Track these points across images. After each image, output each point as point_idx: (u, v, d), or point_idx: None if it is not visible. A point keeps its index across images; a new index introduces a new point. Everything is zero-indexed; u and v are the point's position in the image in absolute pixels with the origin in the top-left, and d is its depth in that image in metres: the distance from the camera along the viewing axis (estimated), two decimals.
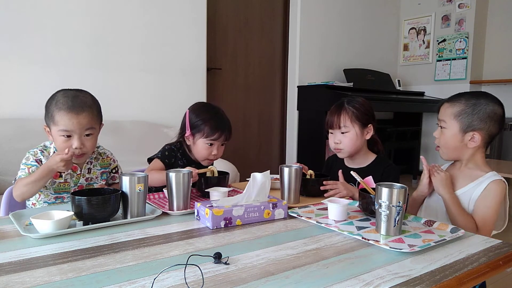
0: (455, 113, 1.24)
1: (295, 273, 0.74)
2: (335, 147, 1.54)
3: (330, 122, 1.54)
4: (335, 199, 1.14)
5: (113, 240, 0.90)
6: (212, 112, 1.50)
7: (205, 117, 1.47)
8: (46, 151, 1.30)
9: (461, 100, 1.25)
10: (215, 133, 1.44)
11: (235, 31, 3.69)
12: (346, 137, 1.51)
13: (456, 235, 0.94)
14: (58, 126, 1.20)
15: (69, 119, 1.19)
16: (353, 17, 4.36)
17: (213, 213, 1.00)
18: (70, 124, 1.19)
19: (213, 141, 1.45)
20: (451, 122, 1.25)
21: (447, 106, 1.27)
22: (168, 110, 3.15)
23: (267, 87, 4.00)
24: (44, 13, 2.59)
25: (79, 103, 1.21)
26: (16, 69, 2.52)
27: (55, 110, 1.20)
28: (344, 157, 1.57)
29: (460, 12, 4.35)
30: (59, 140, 1.22)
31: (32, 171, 1.24)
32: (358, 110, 1.51)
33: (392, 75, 4.65)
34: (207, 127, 1.44)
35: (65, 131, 1.20)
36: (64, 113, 1.19)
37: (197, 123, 1.46)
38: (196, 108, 1.53)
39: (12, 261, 0.77)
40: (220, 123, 1.47)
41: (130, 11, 2.93)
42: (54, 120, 1.20)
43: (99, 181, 1.37)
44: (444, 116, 1.26)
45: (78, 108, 1.20)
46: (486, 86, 4.36)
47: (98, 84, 2.75)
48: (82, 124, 1.21)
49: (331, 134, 1.56)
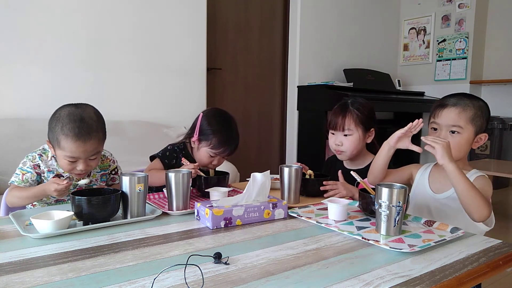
0: (470, 117, 1.22)
1: (295, 273, 0.74)
2: (336, 148, 1.53)
3: (334, 123, 1.52)
4: (335, 199, 1.15)
5: (113, 240, 0.90)
6: (225, 124, 1.47)
7: (216, 129, 1.44)
8: (45, 154, 1.29)
9: (466, 102, 1.23)
10: (220, 148, 1.43)
11: (235, 31, 3.69)
12: (348, 139, 1.50)
13: (456, 235, 0.94)
14: (64, 152, 1.18)
15: (76, 148, 1.17)
16: (353, 17, 4.36)
17: (213, 213, 1.00)
18: (77, 152, 1.17)
19: (216, 154, 1.45)
20: (467, 126, 1.22)
21: (459, 110, 1.23)
22: (168, 110, 3.15)
23: (267, 87, 4.00)
24: (44, 13, 2.59)
25: (86, 129, 1.17)
26: (16, 69, 2.52)
27: (61, 135, 1.16)
28: (344, 159, 1.57)
29: (460, 12, 4.35)
30: (63, 162, 1.21)
31: (26, 178, 1.24)
32: (362, 113, 1.50)
33: (392, 75, 4.65)
34: (215, 140, 1.42)
35: (71, 157, 1.19)
36: (71, 141, 1.16)
37: (206, 132, 1.44)
38: (210, 115, 1.49)
39: (12, 261, 0.77)
40: (228, 138, 1.44)
41: (130, 11, 2.93)
42: (60, 145, 1.18)
43: (99, 183, 1.37)
44: (459, 122, 1.22)
45: (85, 136, 1.17)
46: (486, 86, 4.36)
47: (98, 84, 2.75)
48: (89, 151, 1.19)
49: (332, 134, 1.55)
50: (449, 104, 1.25)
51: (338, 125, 1.51)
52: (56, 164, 1.28)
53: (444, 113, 1.25)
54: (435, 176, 1.31)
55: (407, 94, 4.50)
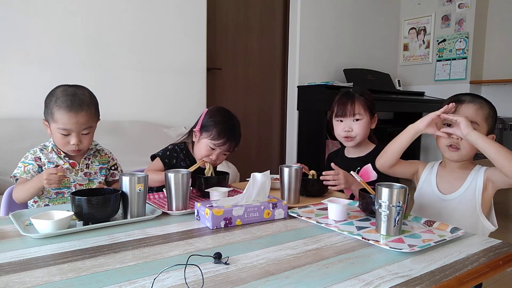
0: (486, 115, 1.22)
1: (295, 273, 0.74)
2: (346, 135, 1.55)
3: (343, 110, 1.54)
4: (335, 199, 1.14)
5: (113, 240, 0.90)
6: (226, 118, 1.49)
7: (217, 120, 1.46)
8: (45, 149, 1.34)
9: (481, 101, 1.23)
10: (220, 138, 1.43)
11: (235, 31, 3.69)
12: (358, 124, 1.53)
13: (456, 235, 0.95)
14: (57, 124, 1.25)
15: (68, 119, 1.24)
16: (353, 17, 4.36)
17: (213, 213, 1.00)
18: (69, 123, 1.24)
19: (216, 146, 1.44)
20: (483, 124, 1.22)
21: (477, 107, 1.22)
22: (168, 110, 3.15)
23: (267, 87, 3.99)
24: (44, 13, 2.59)
25: (78, 102, 1.25)
26: (16, 69, 2.52)
27: (54, 107, 1.24)
28: (353, 145, 1.58)
29: (460, 12, 4.35)
30: (57, 136, 1.28)
31: (28, 170, 1.28)
32: (367, 99, 1.55)
33: (392, 75, 4.65)
34: (215, 130, 1.43)
35: (64, 129, 1.25)
36: (63, 112, 1.23)
37: (208, 123, 1.46)
38: (213, 110, 1.52)
39: (12, 261, 0.77)
40: (229, 130, 1.45)
41: (130, 11, 2.93)
42: (53, 117, 1.25)
43: (98, 176, 1.39)
44: (476, 118, 1.21)
45: (77, 107, 1.24)
46: (486, 86, 4.36)
47: (98, 84, 2.73)
48: (81, 123, 1.26)
49: (340, 122, 1.56)
50: (466, 101, 1.24)
51: (347, 111, 1.53)
52: (56, 157, 1.32)
53: (462, 109, 1.23)
54: (443, 176, 1.31)
55: (407, 94, 4.50)
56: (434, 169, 1.34)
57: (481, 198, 1.21)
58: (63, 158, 1.32)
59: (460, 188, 1.24)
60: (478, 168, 1.26)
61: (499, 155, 1.10)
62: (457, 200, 1.24)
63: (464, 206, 1.23)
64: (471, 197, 1.22)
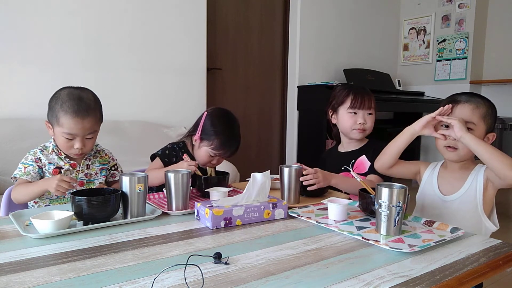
0: (483, 114, 1.22)
1: (295, 273, 0.74)
2: (361, 127, 1.57)
3: (360, 102, 1.56)
4: (335, 199, 1.14)
5: (113, 240, 0.90)
6: (228, 126, 1.47)
7: (219, 130, 1.43)
8: (46, 150, 1.33)
9: (478, 100, 1.23)
10: (221, 150, 1.43)
11: (235, 31, 3.69)
12: (370, 118, 1.58)
13: (456, 235, 0.94)
14: (62, 129, 1.24)
15: (74, 124, 1.23)
16: (353, 17, 4.36)
17: (213, 213, 1.00)
18: (75, 128, 1.24)
19: (217, 155, 1.45)
20: (480, 124, 1.21)
21: (473, 107, 1.21)
22: (168, 110, 3.15)
23: (267, 87, 3.99)
24: (43, 13, 2.59)
25: (85, 107, 1.25)
26: (16, 70, 2.52)
27: (60, 112, 1.23)
28: (363, 137, 1.61)
29: (460, 12, 4.35)
30: (61, 140, 1.27)
31: (28, 171, 1.27)
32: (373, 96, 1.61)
33: (392, 75, 4.65)
34: (217, 141, 1.42)
35: (69, 134, 1.24)
36: (70, 117, 1.23)
37: (209, 132, 1.44)
38: (214, 115, 1.48)
39: (12, 261, 0.77)
40: (230, 141, 1.44)
41: (130, 11, 2.93)
42: (59, 121, 1.24)
43: (99, 177, 1.39)
44: (473, 118, 1.21)
45: (84, 113, 1.24)
46: (486, 86, 4.35)
47: (98, 84, 2.73)
48: (86, 128, 1.26)
49: (354, 114, 1.57)
50: (462, 101, 1.23)
51: (365, 104, 1.56)
52: (57, 158, 1.32)
53: (457, 109, 1.23)
54: (444, 177, 1.31)
55: (407, 94, 4.50)
56: (435, 170, 1.34)
57: (482, 198, 1.21)
58: (63, 159, 1.32)
59: (461, 188, 1.24)
60: (478, 168, 1.26)
61: (492, 158, 1.10)
62: (458, 201, 1.24)
63: (466, 206, 1.22)
64: (472, 198, 1.22)
